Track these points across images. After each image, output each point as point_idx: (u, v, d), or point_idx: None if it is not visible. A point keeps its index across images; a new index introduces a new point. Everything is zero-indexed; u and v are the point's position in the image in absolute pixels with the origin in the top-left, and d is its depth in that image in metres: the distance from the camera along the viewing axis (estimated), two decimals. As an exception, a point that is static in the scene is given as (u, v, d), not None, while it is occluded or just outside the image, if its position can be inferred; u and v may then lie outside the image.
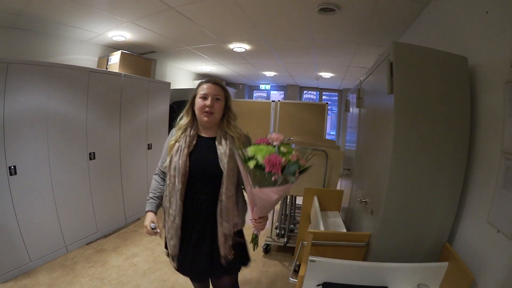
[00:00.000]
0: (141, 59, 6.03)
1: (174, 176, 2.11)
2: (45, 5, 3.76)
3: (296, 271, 3.29)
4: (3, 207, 3.45)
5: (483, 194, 1.87)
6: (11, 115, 3.41)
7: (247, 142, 2.25)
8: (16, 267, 3.62)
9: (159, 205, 2.37)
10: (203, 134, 2.26)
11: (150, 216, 2.30)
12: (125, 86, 5.05)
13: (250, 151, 1.74)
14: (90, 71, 4.37)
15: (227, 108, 2.27)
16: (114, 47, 5.89)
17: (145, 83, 5.59)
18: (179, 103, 7.09)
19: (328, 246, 2.32)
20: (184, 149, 2.13)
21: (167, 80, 7.18)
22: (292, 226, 4.86)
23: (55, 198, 4.00)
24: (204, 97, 2.15)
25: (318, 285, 2.00)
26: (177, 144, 2.19)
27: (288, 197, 4.52)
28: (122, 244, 4.63)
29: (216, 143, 2.18)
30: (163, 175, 2.41)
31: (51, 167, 3.90)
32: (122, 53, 5.49)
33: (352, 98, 3.87)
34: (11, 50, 4.39)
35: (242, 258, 2.34)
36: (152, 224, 2.25)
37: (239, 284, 2.62)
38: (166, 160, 2.25)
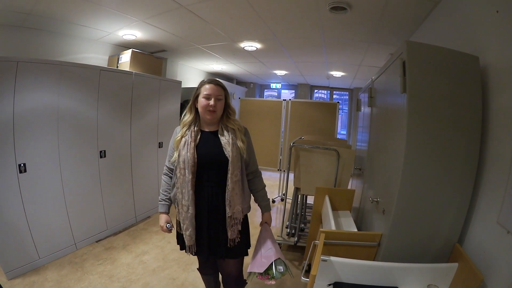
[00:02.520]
0: (152, 57, 6.04)
1: (184, 169, 2.28)
2: (54, 4, 3.78)
3: (307, 271, 3.28)
4: (12, 204, 3.48)
5: (493, 195, 1.85)
6: (21, 114, 3.43)
7: (246, 133, 2.50)
8: (24, 264, 3.64)
9: (170, 205, 2.57)
10: (206, 129, 2.44)
11: (164, 218, 2.54)
12: (136, 84, 5.06)
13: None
14: (100, 69, 4.38)
15: (226, 105, 2.45)
16: (125, 45, 5.92)
17: (156, 81, 5.60)
18: (190, 101, 7.07)
19: (339, 245, 2.33)
20: (190, 143, 2.31)
21: (178, 79, 7.22)
22: (303, 225, 4.84)
23: (65, 196, 4.02)
24: (207, 97, 2.32)
25: (329, 284, 2.00)
26: (183, 139, 2.36)
27: (299, 196, 4.50)
28: (132, 242, 4.64)
29: (219, 135, 2.38)
30: (171, 173, 2.55)
31: (61, 165, 3.92)
32: (132, 51, 5.50)
33: (364, 97, 3.85)
34: (20, 49, 4.43)
35: (246, 242, 2.54)
36: (168, 224, 2.51)
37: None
38: (173, 156, 2.42)
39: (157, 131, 5.72)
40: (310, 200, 4.28)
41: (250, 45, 5.92)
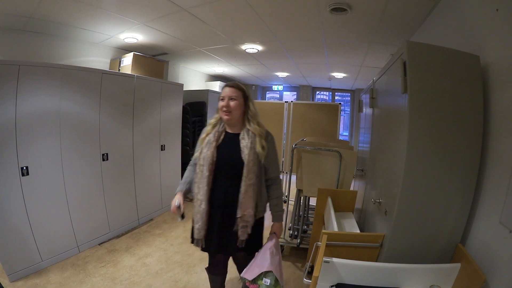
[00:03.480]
0: (154, 60, 6.06)
1: (203, 165, 2.43)
2: (56, 7, 3.80)
3: (309, 272, 3.28)
4: (15, 207, 3.48)
5: (496, 195, 1.85)
6: (23, 117, 3.45)
7: (269, 139, 2.54)
8: (27, 266, 3.64)
9: (188, 190, 2.64)
10: (229, 131, 2.55)
11: (177, 196, 2.57)
12: (138, 87, 5.07)
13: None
14: (102, 73, 4.39)
15: (246, 107, 2.52)
16: (126, 49, 5.94)
17: (158, 84, 5.61)
18: (192, 104, 7.13)
19: (342, 247, 2.32)
20: (212, 142, 2.45)
21: (180, 82, 7.21)
22: (305, 227, 4.84)
23: (68, 199, 4.03)
24: (222, 99, 2.46)
25: (332, 286, 2.00)
26: (207, 138, 2.51)
27: (302, 198, 4.50)
28: (135, 244, 4.64)
29: (240, 138, 2.46)
30: (195, 166, 2.64)
31: (63, 168, 3.93)
32: (134, 54, 5.52)
33: (365, 98, 3.85)
34: (22, 53, 4.45)
35: (257, 243, 2.62)
36: (177, 201, 2.50)
37: None
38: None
39: (159, 134, 5.72)
40: (313, 201, 4.28)
41: (251, 47, 5.92)
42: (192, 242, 2.61)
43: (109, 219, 4.73)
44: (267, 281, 2.32)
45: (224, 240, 2.47)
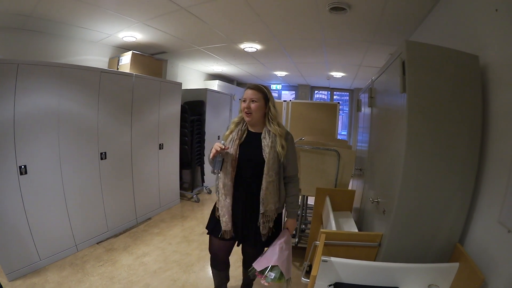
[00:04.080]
0: (152, 59, 6.06)
1: (227, 162, 2.54)
2: (55, 6, 3.80)
3: (307, 272, 3.28)
4: (13, 206, 3.48)
5: (494, 194, 1.85)
6: (21, 115, 3.44)
7: (289, 138, 2.65)
8: (25, 265, 3.63)
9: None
10: (252, 130, 2.68)
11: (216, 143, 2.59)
12: (136, 86, 5.06)
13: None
14: (101, 71, 4.38)
15: (267, 108, 2.64)
16: (125, 47, 5.94)
17: (157, 83, 5.61)
18: (191, 103, 7.12)
19: (340, 246, 2.33)
20: (236, 140, 2.58)
21: (179, 80, 7.23)
22: (303, 226, 4.84)
23: (66, 198, 4.02)
24: (244, 100, 2.59)
25: (330, 285, 2.00)
26: (230, 135, 2.64)
27: (300, 197, 4.50)
28: (133, 243, 4.63)
29: (262, 137, 2.59)
30: None
31: (62, 166, 3.92)
32: (133, 53, 5.52)
33: (364, 97, 3.85)
34: (21, 52, 4.45)
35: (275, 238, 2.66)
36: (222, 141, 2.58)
37: (252, 286, 3.23)
38: None
39: (157, 133, 5.72)
40: (311, 201, 4.28)
41: (250, 46, 5.92)
42: (208, 233, 2.78)
43: (107, 218, 4.73)
44: (271, 274, 2.40)
45: (246, 233, 2.63)
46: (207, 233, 2.81)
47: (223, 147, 2.49)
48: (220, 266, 2.96)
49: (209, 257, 2.88)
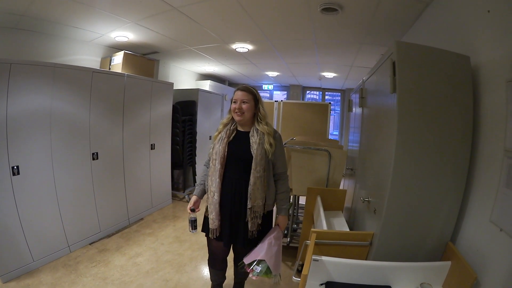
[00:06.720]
0: (144, 59, 6.04)
1: (215, 159, 2.64)
2: (48, 6, 3.78)
3: (299, 271, 3.30)
4: (6, 207, 3.45)
5: (486, 193, 1.87)
6: (14, 116, 3.42)
7: (276, 136, 2.73)
8: (18, 267, 3.61)
9: (204, 191, 2.88)
10: (240, 129, 2.76)
11: (193, 199, 2.83)
12: (128, 86, 5.05)
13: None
14: (93, 71, 4.36)
15: (257, 109, 2.72)
16: (117, 47, 5.92)
17: (148, 83, 5.60)
18: (182, 103, 7.10)
19: (331, 245, 2.34)
20: (224, 138, 2.67)
21: (170, 81, 7.20)
22: (295, 225, 4.86)
23: (58, 198, 4.00)
24: (235, 102, 2.67)
25: (321, 284, 2.01)
26: (219, 135, 2.73)
27: (291, 196, 4.52)
28: (125, 244, 4.63)
29: (250, 136, 2.67)
30: (209, 163, 2.85)
31: (54, 167, 3.91)
32: (125, 53, 5.51)
33: (355, 98, 3.88)
34: (14, 51, 4.42)
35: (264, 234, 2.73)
36: (192, 207, 2.76)
37: (244, 284, 3.29)
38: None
39: (149, 133, 5.71)
40: (303, 200, 4.30)
41: (242, 47, 5.92)
42: (203, 230, 2.86)
43: (100, 219, 4.71)
44: (258, 268, 2.51)
45: (235, 231, 2.68)
46: (205, 235, 2.86)
47: (192, 207, 2.73)
48: (218, 265, 3.04)
49: (201, 257, 2.91)
